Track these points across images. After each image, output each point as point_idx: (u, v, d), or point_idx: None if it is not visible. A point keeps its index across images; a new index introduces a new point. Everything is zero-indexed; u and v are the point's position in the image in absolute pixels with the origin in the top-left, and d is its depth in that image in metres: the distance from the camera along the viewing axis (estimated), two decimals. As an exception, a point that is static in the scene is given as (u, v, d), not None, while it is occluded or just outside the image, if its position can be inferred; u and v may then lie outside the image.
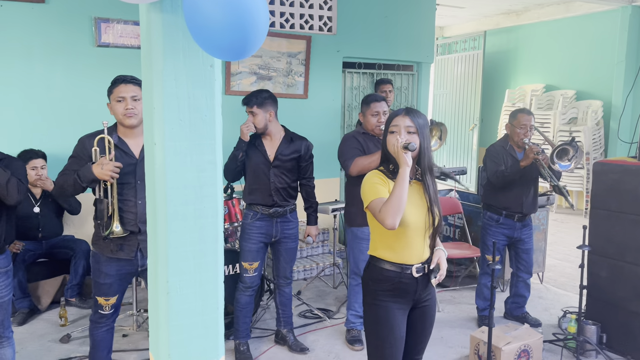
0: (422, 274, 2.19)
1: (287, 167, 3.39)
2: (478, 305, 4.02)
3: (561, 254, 5.90)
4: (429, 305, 2.28)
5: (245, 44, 1.40)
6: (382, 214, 2.03)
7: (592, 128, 7.61)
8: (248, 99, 3.32)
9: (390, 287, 2.16)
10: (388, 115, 2.25)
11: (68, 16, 4.40)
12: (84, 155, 2.59)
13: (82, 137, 2.64)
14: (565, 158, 3.55)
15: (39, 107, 4.39)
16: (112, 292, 2.65)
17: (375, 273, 2.20)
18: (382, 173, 2.20)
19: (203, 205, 1.62)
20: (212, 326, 1.68)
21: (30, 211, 4.08)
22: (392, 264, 2.16)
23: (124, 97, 2.54)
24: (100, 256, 2.62)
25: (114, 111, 2.58)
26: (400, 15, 5.95)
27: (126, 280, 2.71)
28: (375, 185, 2.13)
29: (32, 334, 3.75)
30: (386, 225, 2.03)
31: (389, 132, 2.18)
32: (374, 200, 2.09)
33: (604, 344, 3.52)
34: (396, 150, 2.09)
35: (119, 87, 2.55)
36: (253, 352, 3.48)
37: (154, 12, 1.51)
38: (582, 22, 8.13)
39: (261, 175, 3.36)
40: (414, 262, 2.17)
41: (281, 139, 3.40)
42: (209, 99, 1.59)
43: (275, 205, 3.37)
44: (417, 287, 2.19)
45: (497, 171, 3.68)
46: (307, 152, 3.46)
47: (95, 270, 2.66)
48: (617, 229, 3.50)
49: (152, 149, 1.59)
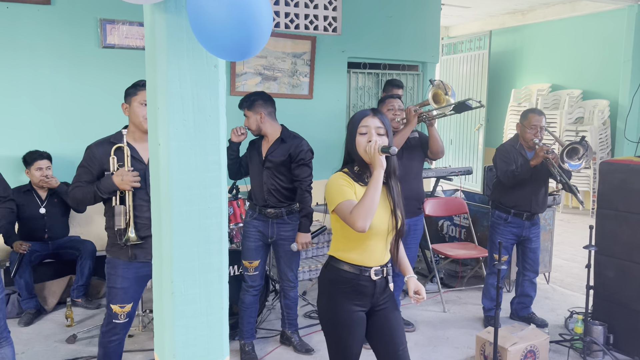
0: (380, 277, 2.17)
1: (279, 169, 3.33)
2: (484, 305, 4.00)
3: (568, 254, 5.86)
4: (388, 307, 2.23)
5: (249, 44, 1.40)
6: (354, 217, 1.99)
7: (598, 128, 7.56)
8: (240, 102, 3.35)
9: (348, 288, 2.14)
10: (353, 116, 2.22)
11: (74, 17, 4.42)
12: (93, 164, 2.57)
13: (90, 145, 2.62)
14: (575, 157, 3.51)
15: (45, 108, 4.41)
16: (128, 299, 2.62)
17: (333, 274, 2.17)
18: (347, 175, 2.17)
19: (207, 205, 1.62)
20: (217, 326, 1.68)
21: (36, 212, 4.10)
22: (351, 265, 2.14)
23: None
24: (116, 261, 2.60)
25: (134, 113, 2.56)
26: (405, 15, 5.94)
27: (142, 285, 2.68)
28: (342, 187, 2.10)
29: (38, 335, 3.76)
30: (357, 227, 1.99)
31: (359, 133, 2.14)
32: (342, 203, 2.06)
33: (611, 344, 3.50)
34: (372, 152, 2.05)
35: (144, 91, 2.51)
36: (258, 353, 3.48)
37: (158, 13, 1.51)
38: (588, 21, 8.09)
39: (256, 176, 3.40)
40: (373, 264, 2.15)
41: (275, 140, 3.39)
42: (213, 99, 1.59)
43: (269, 206, 3.36)
44: (374, 289, 2.16)
45: (507, 170, 3.67)
46: (297, 153, 3.30)
47: (111, 276, 2.61)
48: (624, 229, 3.48)
49: (157, 149, 1.59)
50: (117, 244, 2.58)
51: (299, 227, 3.39)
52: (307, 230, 3.37)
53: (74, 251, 4.20)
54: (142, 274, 2.62)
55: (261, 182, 3.36)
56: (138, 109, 2.55)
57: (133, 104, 2.57)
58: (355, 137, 2.14)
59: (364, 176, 2.18)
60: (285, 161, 3.33)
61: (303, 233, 3.37)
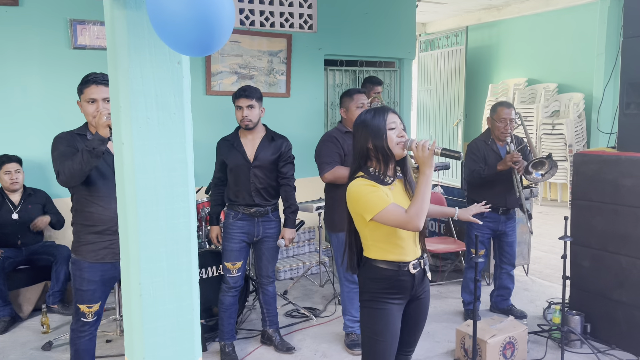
0: (418, 270, 2.18)
1: (268, 168, 3.35)
2: (464, 299, 4.03)
3: (546, 245, 5.93)
4: (424, 298, 2.27)
5: (211, 39, 1.37)
6: (411, 218, 2.01)
7: (574, 120, 7.67)
8: (249, 90, 3.27)
9: (388, 285, 2.15)
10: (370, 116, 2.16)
11: (43, 19, 4.33)
12: (70, 141, 2.49)
13: (59, 134, 2.56)
14: (541, 169, 3.63)
15: (15, 111, 4.31)
16: (95, 299, 2.58)
17: (372, 272, 2.18)
18: (366, 179, 2.13)
19: (174, 205, 1.59)
20: (188, 328, 1.65)
21: (9, 218, 4.02)
22: (388, 262, 2.15)
23: (95, 99, 2.45)
24: (82, 262, 2.54)
25: (85, 111, 2.50)
26: (381, 12, 5.95)
27: (109, 286, 2.64)
28: (375, 193, 2.07)
29: (14, 342, 3.68)
30: (412, 228, 2.03)
31: (389, 129, 2.11)
32: (386, 208, 2.04)
33: (588, 333, 3.54)
34: (427, 152, 2.03)
35: (90, 87, 2.46)
36: (239, 353, 3.45)
37: (117, 9, 1.48)
38: (562, 16, 8.19)
39: (241, 176, 3.33)
40: (410, 259, 2.16)
41: (261, 139, 3.38)
42: (177, 96, 1.57)
43: (256, 205, 3.34)
44: (414, 282, 2.19)
45: (474, 171, 3.71)
46: (287, 151, 3.40)
47: (76, 278, 2.56)
48: (598, 219, 3.52)
49: (121, 148, 1.55)
50: (82, 243, 2.53)
51: (285, 223, 3.46)
52: (293, 225, 3.46)
53: (49, 257, 4.13)
54: (108, 276, 2.58)
55: (248, 182, 3.32)
56: (86, 106, 2.48)
57: (82, 101, 2.50)
58: (386, 133, 2.11)
59: (384, 177, 2.15)
60: (275, 160, 3.35)
61: (289, 229, 3.45)
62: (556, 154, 7.83)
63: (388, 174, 2.16)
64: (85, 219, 2.53)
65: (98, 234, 2.52)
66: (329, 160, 3.35)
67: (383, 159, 2.14)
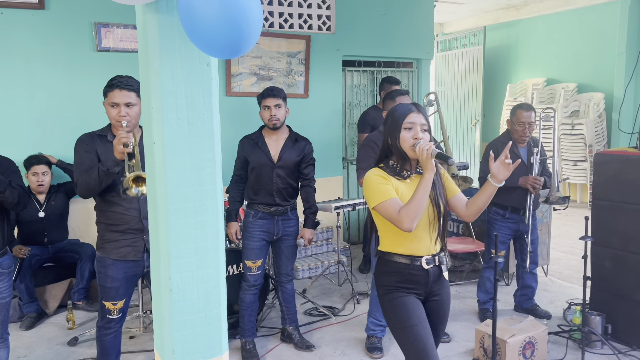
0: (432, 266, 2.20)
1: (291, 168, 3.40)
2: (479, 298, 4.02)
3: (566, 246, 5.89)
4: (440, 300, 2.26)
5: (240, 42, 1.42)
6: (402, 217, 2.04)
7: (594, 120, 7.59)
8: (276, 90, 3.33)
9: (401, 278, 2.18)
10: (394, 110, 2.20)
11: (68, 22, 4.43)
12: (89, 147, 2.57)
13: (81, 136, 2.63)
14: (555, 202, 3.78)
15: (41, 113, 4.42)
16: (120, 296, 2.64)
17: (386, 266, 2.22)
18: (382, 170, 2.20)
19: (203, 202, 1.64)
20: (215, 322, 1.69)
21: (35, 216, 4.12)
22: (401, 255, 2.18)
23: (117, 103, 2.51)
24: (106, 260, 2.61)
25: (108, 114, 2.58)
26: (399, 12, 5.96)
27: (133, 283, 2.70)
28: (380, 185, 2.13)
29: (40, 338, 3.78)
30: (403, 228, 2.04)
31: (404, 128, 2.14)
32: (385, 202, 2.09)
33: (609, 334, 3.52)
34: (425, 155, 2.06)
35: (113, 92, 2.52)
36: (259, 351, 3.50)
37: (149, 13, 1.53)
38: (582, 15, 8.11)
39: (263, 176, 3.38)
40: (423, 254, 2.18)
41: (285, 140, 3.42)
42: (207, 97, 1.61)
43: (276, 204, 3.39)
44: (427, 279, 2.20)
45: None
46: (309, 153, 3.47)
47: (101, 275, 2.63)
48: (619, 220, 3.50)
49: (152, 148, 1.61)
50: (105, 240, 2.60)
51: (305, 223, 3.53)
52: (312, 226, 3.53)
53: (74, 254, 4.22)
54: (131, 274, 2.65)
55: (270, 182, 3.37)
56: (109, 109, 2.56)
57: (106, 105, 2.57)
58: (399, 132, 2.15)
59: (402, 171, 2.20)
60: (298, 161, 3.41)
61: (309, 229, 3.53)
62: (575, 154, 7.76)
63: (406, 168, 2.21)
64: (108, 218, 2.61)
65: (121, 233, 2.60)
66: (365, 166, 3.33)
67: (399, 156, 2.19)
